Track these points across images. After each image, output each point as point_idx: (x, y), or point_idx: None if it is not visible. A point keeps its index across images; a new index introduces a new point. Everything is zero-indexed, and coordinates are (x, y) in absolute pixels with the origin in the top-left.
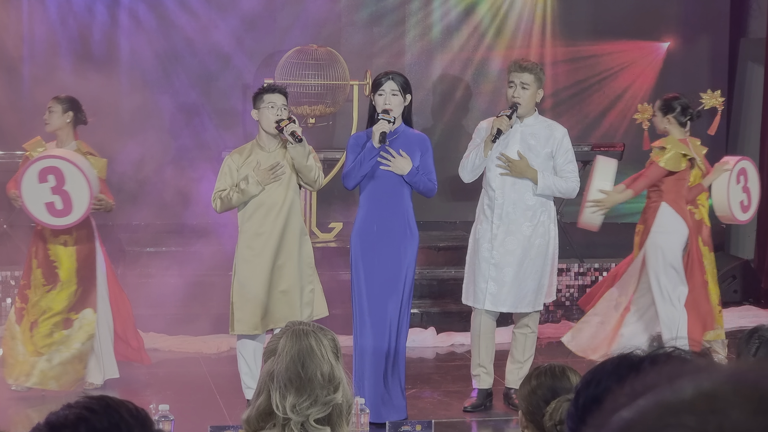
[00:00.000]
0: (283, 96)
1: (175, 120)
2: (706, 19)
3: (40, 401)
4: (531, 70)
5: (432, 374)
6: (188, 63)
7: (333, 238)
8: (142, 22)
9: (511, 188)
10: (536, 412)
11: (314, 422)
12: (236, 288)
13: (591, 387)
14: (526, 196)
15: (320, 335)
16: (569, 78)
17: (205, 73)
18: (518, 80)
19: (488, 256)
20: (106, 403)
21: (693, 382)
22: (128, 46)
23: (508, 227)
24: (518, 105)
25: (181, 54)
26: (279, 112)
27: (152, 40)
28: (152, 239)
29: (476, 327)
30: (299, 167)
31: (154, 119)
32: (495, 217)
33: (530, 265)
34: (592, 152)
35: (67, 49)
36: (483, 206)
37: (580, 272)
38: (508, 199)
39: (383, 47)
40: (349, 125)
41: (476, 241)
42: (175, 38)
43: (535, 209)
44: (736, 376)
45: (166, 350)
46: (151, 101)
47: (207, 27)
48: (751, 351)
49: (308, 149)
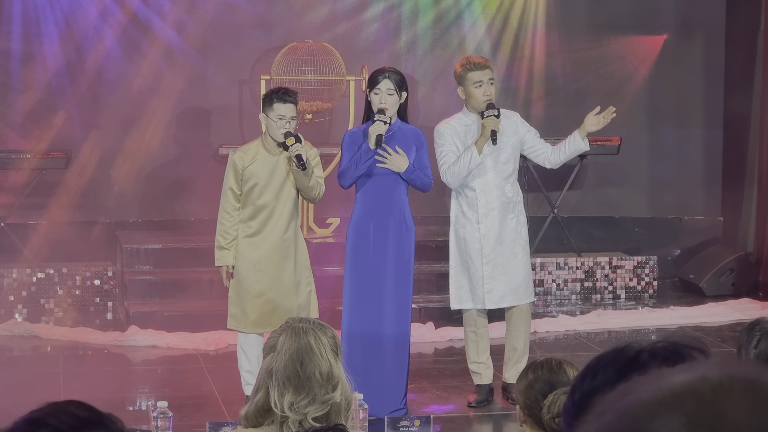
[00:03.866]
0: (295, 106)
1: (171, 116)
2: (703, 13)
3: None
4: (490, 65)
5: (430, 369)
6: (184, 59)
7: (330, 234)
8: (137, 16)
9: (491, 185)
10: (534, 406)
11: (312, 420)
12: (234, 285)
13: (587, 381)
14: (506, 189)
15: (319, 333)
16: (565, 71)
17: (201, 68)
18: (485, 78)
19: (481, 255)
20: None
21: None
22: (123, 42)
23: (495, 223)
24: (493, 103)
25: (177, 49)
26: (288, 125)
27: (148, 35)
28: (149, 236)
29: (473, 325)
30: (300, 187)
31: (149, 115)
32: (480, 216)
33: (522, 256)
34: (589, 146)
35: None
36: (461, 208)
37: (578, 266)
38: (492, 197)
39: (380, 42)
40: (346, 121)
41: (463, 244)
42: (171, 34)
43: (515, 201)
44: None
45: (165, 347)
46: (147, 97)
47: (203, 22)
48: (752, 343)
49: (311, 172)
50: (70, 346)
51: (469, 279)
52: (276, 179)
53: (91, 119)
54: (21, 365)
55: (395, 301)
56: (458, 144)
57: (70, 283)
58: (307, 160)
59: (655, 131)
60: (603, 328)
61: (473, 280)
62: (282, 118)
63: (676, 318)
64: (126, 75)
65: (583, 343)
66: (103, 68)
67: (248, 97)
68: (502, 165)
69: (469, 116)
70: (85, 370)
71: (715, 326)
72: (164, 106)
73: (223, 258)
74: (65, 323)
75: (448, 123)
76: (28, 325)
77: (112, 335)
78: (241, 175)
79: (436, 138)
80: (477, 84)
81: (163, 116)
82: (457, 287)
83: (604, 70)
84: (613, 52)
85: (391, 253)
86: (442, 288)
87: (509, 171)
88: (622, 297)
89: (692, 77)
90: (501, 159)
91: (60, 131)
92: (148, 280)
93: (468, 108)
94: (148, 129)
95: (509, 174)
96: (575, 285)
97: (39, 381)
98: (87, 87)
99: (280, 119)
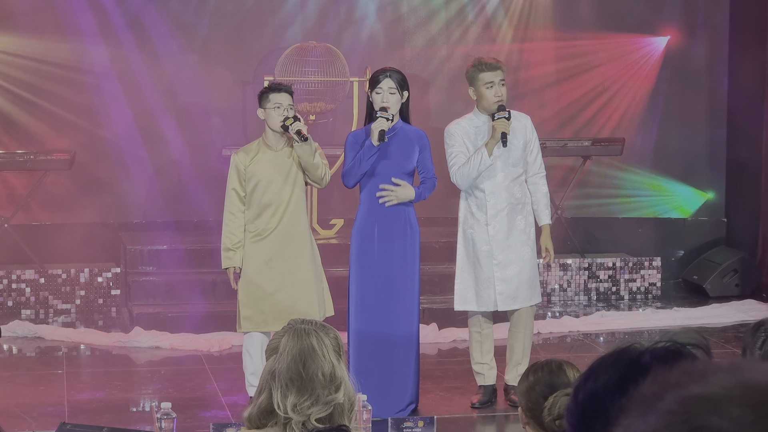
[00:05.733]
0: (289, 95)
1: (175, 117)
2: (707, 13)
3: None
4: (502, 66)
5: (434, 370)
6: (188, 59)
7: (334, 235)
8: (140, 17)
9: (501, 187)
10: (536, 408)
11: (315, 421)
12: (242, 286)
13: (590, 382)
14: (514, 190)
15: (322, 334)
16: (569, 70)
17: (204, 69)
18: (496, 79)
19: (490, 257)
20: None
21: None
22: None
23: (504, 225)
24: (504, 105)
25: (181, 50)
26: (285, 112)
27: (151, 37)
28: (154, 237)
29: (478, 326)
30: (306, 165)
31: (153, 116)
32: (489, 217)
33: (530, 257)
34: (592, 147)
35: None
36: (470, 209)
37: (581, 267)
38: (501, 198)
39: (383, 43)
40: (350, 122)
41: (471, 245)
42: (175, 34)
43: (523, 202)
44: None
45: (168, 348)
46: (151, 98)
47: (207, 23)
48: (757, 344)
49: (314, 147)
50: (74, 347)
51: (475, 280)
52: (279, 175)
53: (96, 120)
54: (25, 366)
55: (402, 302)
56: (468, 145)
57: (74, 284)
58: (309, 134)
59: (658, 132)
60: (606, 329)
61: (479, 282)
62: (279, 106)
63: (679, 319)
64: (130, 76)
65: (586, 344)
66: (107, 68)
67: (252, 98)
68: (511, 167)
69: (480, 117)
70: (89, 371)
71: (719, 327)
72: (168, 107)
73: (230, 260)
74: (69, 324)
75: (459, 124)
76: (31, 326)
77: (116, 336)
78: (244, 174)
79: (447, 139)
80: (488, 85)
81: (167, 117)
82: (462, 288)
83: (607, 69)
84: (616, 52)
85: (397, 254)
86: (445, 289)
87: (518, 173)
88: (625, 298)
89: (696, 77)
90: (510, 161)
91: (64, 132)
92: (152, 281)
93: (479, 109)
94: (152, 130)
95: (518, 175)
96: (578, 286)
97: (43, 382)
98: (91, 88)
99: (277, 107)
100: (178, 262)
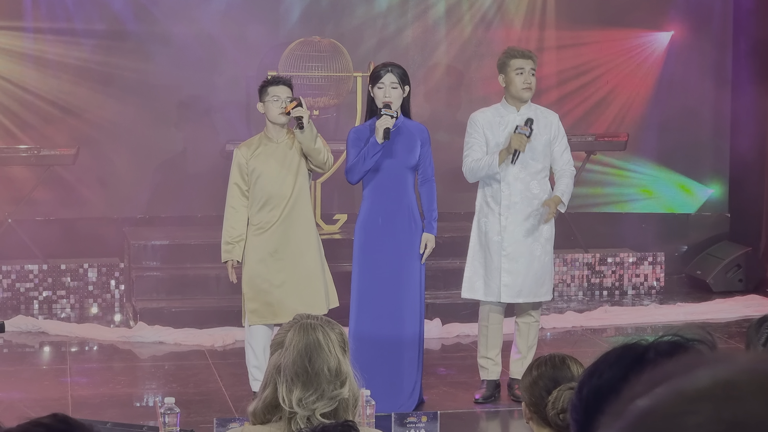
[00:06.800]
0: (288, 88)
1: (178, 112)
2: (711, 8)
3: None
4: (533, 56)
5: (438, 365)
6: (191, 54)
7: (337, 230)
8: (148, 10)
9: (516, 179)
10: (539, 402)
11: (320, 416)
12: (246, 280)
13: (594, 377)
14: (532, 185)
15: (327, 329)
16: (572, 65)
17: (208, 65)
18: (527, 66)
19: (499, 248)
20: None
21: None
22: (130, 37)
23: (517, 217)
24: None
25: (184, 45)
26: (284, 105)
27: (155, 31)
28: (157, 232)
29: (485, 319)
30: (308, 151)
31: (157, 111)
32: (503, 208)
33: (542, 253)
34: (596, 142)
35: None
36: (485, 199)
37: (585, 262)
38: (515, 190)
39: (386, 38)
40: (353, 117)
41: (484, 234)
42: (178, 29)
43: (541, 198)
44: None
45: (172, 343)
46: (155, 93)
47: (210, 18)
48: (761, 340)
49: (315, 132)
50: (78, 342)
51: (485, 270)
52: (281, 167)
53: (100, 115)
54: (28, 361)
55: (406, 297)
56: (488, 135)
57: (78, 279)
58: (310, 120)
59: (661, 127)
60: (610, 324)
61: (488, 272)
62: (277, 99)
63: (683, 314)
64: (133, 71)
65: (589, 339)
66: (110, 64)
67: (255, 93)
68: (530, 160)
69: (507, 108)
70: (92, 366)
71: (723, 322)
72: (171, 101)
73: (229, 253)
74: (72, 319)
75: (484, 113)
76: (35, 321)
77: (120, 331)
78: (246, 168)
79: (468, 126)
80: (519, 71)
81: (171, 112)
82: (471, 276)
83: (611, 64)
84: (620, 47)
85: (400, 249)
86: (449, 284)
87: (538, 168)
88: (629, 293)
89: (699, 73)
90: (530, 154)
91: (68, 127)
92: (156, 276)
93: (507, 98)
94: (155, 125)
95: (537, 171)
96: (582, 281)
97: (46, 377)
98: (95, 83)
99: (276, 100)
100: (181, 257)
